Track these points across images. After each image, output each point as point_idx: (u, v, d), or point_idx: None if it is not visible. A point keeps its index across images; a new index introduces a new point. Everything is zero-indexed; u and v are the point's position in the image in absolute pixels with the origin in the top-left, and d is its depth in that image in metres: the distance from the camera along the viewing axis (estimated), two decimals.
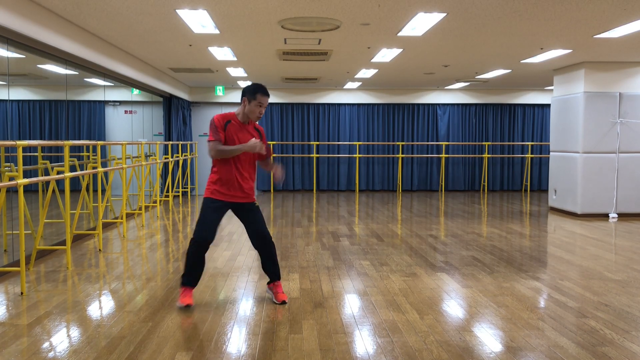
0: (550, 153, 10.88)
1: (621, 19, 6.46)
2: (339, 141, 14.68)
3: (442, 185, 14.77)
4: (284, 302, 4.46)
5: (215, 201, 4.32)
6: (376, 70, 10.92)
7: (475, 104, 14.86)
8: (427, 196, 13.60)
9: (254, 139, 4.26)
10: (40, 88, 9.49)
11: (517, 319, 4.12)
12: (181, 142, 12.67)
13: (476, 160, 15.00)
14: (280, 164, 4.36)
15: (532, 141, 15.03)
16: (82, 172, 6.62)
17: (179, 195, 13.12)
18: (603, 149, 9.78)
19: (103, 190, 7.86)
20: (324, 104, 14.64)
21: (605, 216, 9.82)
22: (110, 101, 11.46)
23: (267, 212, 10.44)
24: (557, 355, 3.44)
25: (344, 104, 14.69)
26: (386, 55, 9.00)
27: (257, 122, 4.48)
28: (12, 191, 5.84)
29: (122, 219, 7.99)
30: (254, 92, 4.27)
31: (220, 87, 13.85)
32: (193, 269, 4.37)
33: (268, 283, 4.62)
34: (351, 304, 4.51)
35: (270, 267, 4.52)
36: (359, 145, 14.62)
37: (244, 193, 4.38)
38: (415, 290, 4.94)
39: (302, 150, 14.68)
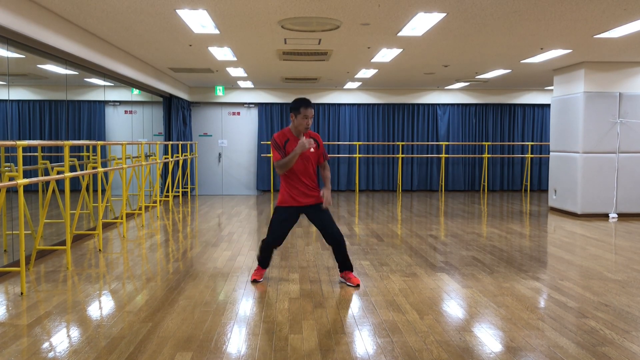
0: (550, 153, 10.87)
1: (621, 19, 6.46)
2: (339, 141, 14.68)
3: (442, 185, 14.77)
4: (357, 285, 5.01)
5: (286, 208, 5.03)
6: (376, 71, 10.92)
7: (475, 104, 14.86)
8: (427, 196, 13.60)
9: (301, 139, 4.82)
10: (40, 88, 9.48)
11: (517, 319, 4.12)
12: (181, 142, 12.67)
13: (476, 160, 15.00)
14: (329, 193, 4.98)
15: (532, 141, 15.02)
16: (82, 172, 6.62)
17: (179, 195, 13.12)
18: (603, 149, 9.78)
19: (103, 190, 7.86)
20: (324, 104, 14.63)
21: (605, 216, 9.82)
22: (110, 101, 11.45)
23: (267, 212, 10.44)
24: (557, 355, 3.44)
25: (344, 104, 14.69)
26: (386, 55, 9.00)
27: (311, 131, 5.10)
28: (12, 191, 5.85)
29: (122, 219, 8.00)
30: (298, 107, 4.89)
31: (220, 87, 13.85)
32: (264, 257, 5.23)
33: (340, 272, 5.19)
34: (351, 304, 4.51)
35: (340, 259, 5.11)
36: (359, 145, 14.62)
37: (309, 198, 4.98)
38: (415, 290, 4.94)
39: None
